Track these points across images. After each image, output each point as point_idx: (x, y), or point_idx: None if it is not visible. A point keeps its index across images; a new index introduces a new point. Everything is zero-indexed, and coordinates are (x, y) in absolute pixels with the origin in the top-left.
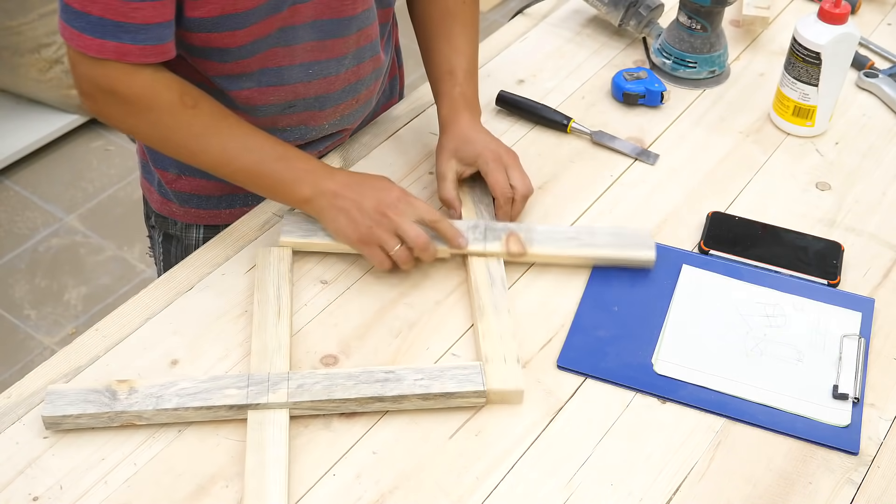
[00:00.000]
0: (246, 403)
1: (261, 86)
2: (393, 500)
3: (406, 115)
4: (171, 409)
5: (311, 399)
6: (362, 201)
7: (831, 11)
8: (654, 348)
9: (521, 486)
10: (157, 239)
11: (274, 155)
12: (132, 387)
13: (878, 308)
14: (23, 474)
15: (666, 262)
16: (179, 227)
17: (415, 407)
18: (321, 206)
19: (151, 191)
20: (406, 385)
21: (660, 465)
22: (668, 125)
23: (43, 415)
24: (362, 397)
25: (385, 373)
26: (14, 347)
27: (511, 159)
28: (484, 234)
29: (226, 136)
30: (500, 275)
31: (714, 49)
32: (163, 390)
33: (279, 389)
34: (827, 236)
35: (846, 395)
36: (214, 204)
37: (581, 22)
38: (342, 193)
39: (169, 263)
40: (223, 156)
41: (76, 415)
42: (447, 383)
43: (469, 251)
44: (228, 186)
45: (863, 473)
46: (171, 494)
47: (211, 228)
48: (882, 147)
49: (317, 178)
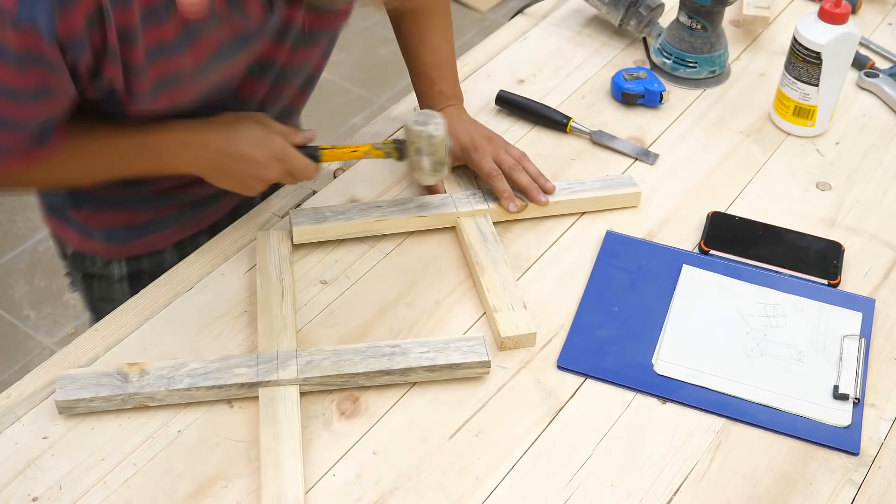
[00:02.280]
0: (257, 381)
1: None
2: (393, 500)
3: (406, 115)
4: (182, 390)
5: (320, 375)
6: (248, 165)
7: (832, 11)
8: (654, 348)
9: (521, 487)
10: (78, 277)
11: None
12: (143, 369)
13: (879, 308)
14: (22, 475)
15: (666, 262)
16: (99, 265)
17: (421, 379)
18: (206, 174)
19: (68, 231)
20: (412, 358)
21: (660, 465)
22: (669, 125)
23: (56, 399)
24: (370, 371)
25: (391, 347)
26: (13, 347)
27: (493, 144)
28: (471, 199)
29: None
30: (490, 230)
31: (714, 49)
32: (173, 371)
33: (288, 367)
34: (827, 236)
35: (847, 396)
36: (143, 232)
37: (581, 22)
38: (226, 164)
39: (92, 298)
40: (94, 180)
41: (89, 398)
42: (452, 355)
43: (460, 212)
44: (153, 211)
45: (863, 474)
46: (171, 495)
47: (133, 261)
48: (882, 147)
49: (192, 151)
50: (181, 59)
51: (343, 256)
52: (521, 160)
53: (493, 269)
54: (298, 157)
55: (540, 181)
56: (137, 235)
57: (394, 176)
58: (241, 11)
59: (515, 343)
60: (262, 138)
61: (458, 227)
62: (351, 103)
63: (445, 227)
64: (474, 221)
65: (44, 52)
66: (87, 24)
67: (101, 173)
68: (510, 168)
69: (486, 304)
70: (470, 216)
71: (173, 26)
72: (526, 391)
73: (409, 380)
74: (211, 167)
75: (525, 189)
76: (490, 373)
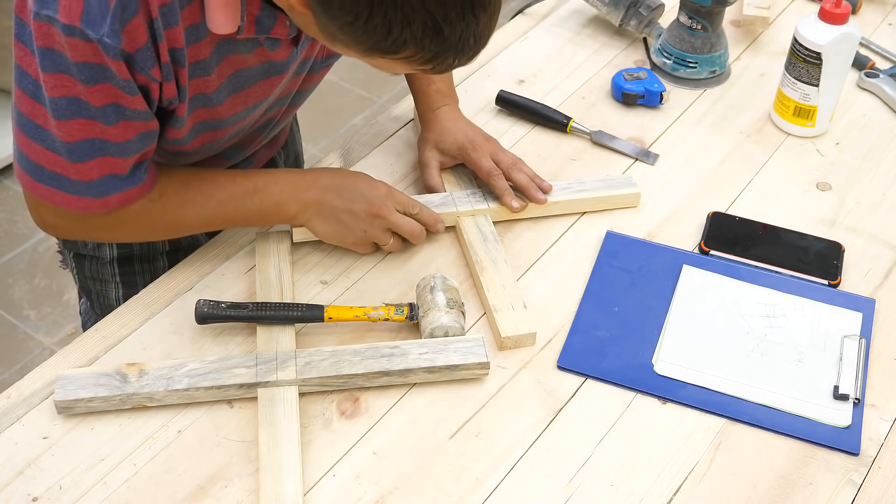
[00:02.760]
0: (256, 382)
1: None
2: (393, 500)
3: (406, 116)
4: (181, 390)
5: (319, 375)
6: (351, 206)
7: (832, 11)
8: (654, 349)
9: (521, 487)
10: (69, 255)
11: (246, 195)
12: (142, 369)
13: (879, 308)
14: (22, 475)
15: (666, 262)
16: (91, 246)
17: (420, 380)
18: (308, 218)
19: None
20: (412, 359)
21: (660, 465)
22: (669, 125)
23: (55, 399)
24: (369, 372)
25: (390, 348)
26: (13, 347)
27: (490, 144)
28: (471, 198)
29: (198, 206)
30: (490, 230)
31: (715, 49)
32: (172, 371)
33: (287, 367)
34: (827, 236)
35: (847, 396)
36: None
37: (581, 22)
38: (327, 201)
39: (83, 277)
40: (204, 223)
41: (88, 398)
42: (451, 356)
43: (460, 212)
44: None
45: (863, 474)
46: (171, 495)
47: (125, 248)
48: (883, 147)
49: (296, 192)
50: (212, 80)
51: (343, 256)
52: (517, 162)
53: (493, 268)
54: (402, 216)
55: (537, 181)
56: None
57: (394, 175)
58: (271, 45)
59: (515, 343)
60: (370, 182)
61: (458, 226)
62: (351, 103)
63: (445, 227)
64: (474, 221)
65: (109, 66)
66: (150, 36)
67: (211, 216)
68: (508, 167)
69: (485, 303)
70: (470, 216)
71: (207, 46)
72: (526, 391)
73: (409, 381)
74: (317, 206)
75: (523, 188)
76: (490, 373)
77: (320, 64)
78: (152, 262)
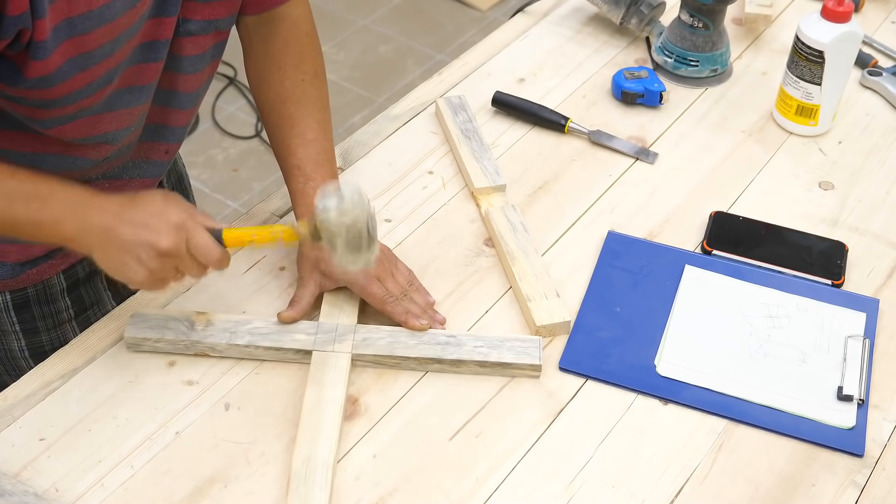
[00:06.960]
0: (312, 349)
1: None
2: (392, 501)
3: (405, 115)
4: (242, 346)
5: (374, 353)
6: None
7: (835, 9)
8: (656, 349)
9: (521, 489)
10: None
11: (23, 197)
12: (209, 320)
13: (883, 308)
14: (18, 477)
15: (668, 262)
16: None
17: (470, 372)
18: (90, 245)
19: None
20: (466, 350)
21: (662, 467)
22: (670, 124)
23: (126, 336)
24: (423, 357)
25: (447, 336)
26: None
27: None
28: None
29: None
30: (519, 221)
31: (716, 47)
32: (237, 326)
33: (345, 340)
34: (830, 236)
35: (851, 397)
36: (30, 266)
37: (582, 20)
38: (117, 229)
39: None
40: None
41: (155, 338)
42: (505, 354)
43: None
44: (27, 249)
45: (867, 475)
46: (169, 497)
47: (19, 293)
48: (886, 146)
49: (83, 211)
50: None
51: None
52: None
53: (524, 258)
54: (202, 233)
55: (430, 312)
56: (23, 270)
57: (394, 175)
58: None
59: (550, 332)
60: (163, 209)
61: (488, 220)
62: (350, 103)
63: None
64: (503, 213)
65: None
66: None
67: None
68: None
69: (518, 293)
70: (500, 210)
71: None
72: (527, 392)
73: (459, 371)
74: (99, 234)
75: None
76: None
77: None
78: (53, 303)
